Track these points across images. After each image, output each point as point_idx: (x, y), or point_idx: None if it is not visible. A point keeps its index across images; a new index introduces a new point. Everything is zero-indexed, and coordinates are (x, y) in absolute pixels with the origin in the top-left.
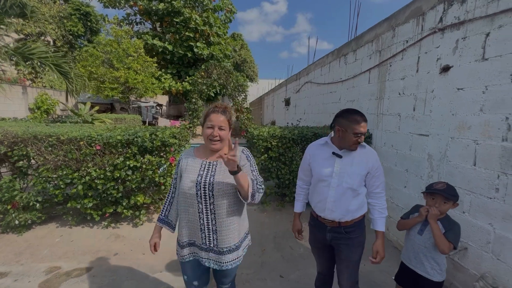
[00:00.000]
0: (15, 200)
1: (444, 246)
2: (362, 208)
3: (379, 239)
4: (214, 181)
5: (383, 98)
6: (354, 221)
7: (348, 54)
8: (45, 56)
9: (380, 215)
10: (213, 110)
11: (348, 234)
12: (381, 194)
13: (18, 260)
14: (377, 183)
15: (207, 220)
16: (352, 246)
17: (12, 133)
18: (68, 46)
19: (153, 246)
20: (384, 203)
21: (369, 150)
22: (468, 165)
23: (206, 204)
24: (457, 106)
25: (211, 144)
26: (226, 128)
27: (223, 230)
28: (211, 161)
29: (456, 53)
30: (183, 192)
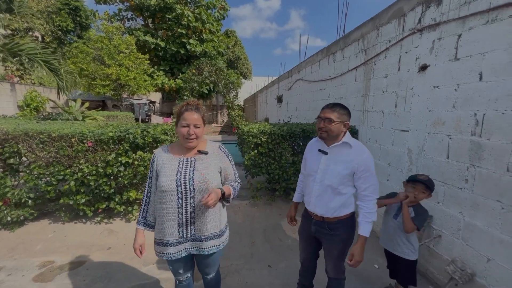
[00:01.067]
0: (6, 197)
1: (408, 227)
2: (346, 207)
3: (358, 243)
4: (194, 176)
5: (368, 95)
6: (338, 219)
7: (336, 53)
8: (34, 53)
9: (364, 219)
10: (186, 108)
11: (331, 231)
12: (369, 197)
13: (11, 255)
14: (365, 185)
15: (186, 214)
16: (332, 241)
17: (3, 131)
18: (57, 42)
19: (138, 250)
20: (371, 207)
21: (357, 150)
22: (442, 158)
23: (186, 199)
24: (433, 103)
25: (188, 143)
26: (201, 126)
27: (202, 221)
28: (189, 158)
29: (433, 53)
30: (162, 190)
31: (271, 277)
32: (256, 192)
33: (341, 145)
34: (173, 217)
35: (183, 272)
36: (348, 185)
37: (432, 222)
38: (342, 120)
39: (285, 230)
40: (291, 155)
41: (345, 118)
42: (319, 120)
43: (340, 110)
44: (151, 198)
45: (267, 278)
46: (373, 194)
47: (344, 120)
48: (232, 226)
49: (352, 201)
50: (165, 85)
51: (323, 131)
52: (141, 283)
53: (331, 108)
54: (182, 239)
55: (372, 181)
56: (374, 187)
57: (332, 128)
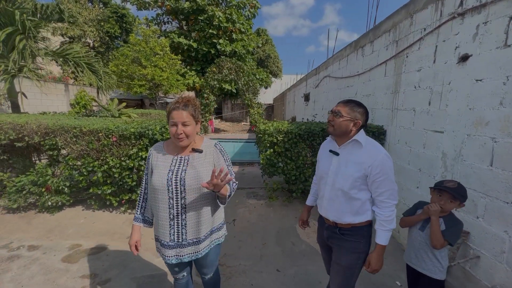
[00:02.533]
0: (48, 184)
1: (438, 242)
2: (360, 214)
3: (375, 252)
4: (186, 176)
5: (399, 91)
6: (352, 225)
7: (365, 46)
8: (79, 56)
9: (381, 227)
10: (173, 107)
11: (343, 236)
12: (385, 203)
13: (48, 236)
14: (380, 189)
15: (177, 215)
16: (343, 248)
17: (44, 125)
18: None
19: (134, 246)
20: (388, 214)
21: (371, 150)
22: (484, 165)
23: (177, 199)
24: (475, 99)
25: (178, 142)
26: (190, 123)
27: (194, 224)
28: (182, 156)
29: (476, 40)
30: (154, 188)
31: (278, 282)
32: (273, 192)
33: (352, 144)
34: (164, 216)
35: (178, 270)
36: (361, 189)
37: (469, 239)
38: (352, 117)
39: (299, 233)
40: (310, 155)
41: (357, 116)
42: (329, 113)
43: (354, 107)
44: (148, 194)
45: (274, 283)
46: (390, 200)
47: (355, 118)
48: (245, 225)
49: (368, 207)
50: (196, 84)
51: (330, 124)
52: (151, 273)
53: (345, 102)
54: (173, 243)
55: (389, 185)
56: (392, 191)
57: (340, 123)
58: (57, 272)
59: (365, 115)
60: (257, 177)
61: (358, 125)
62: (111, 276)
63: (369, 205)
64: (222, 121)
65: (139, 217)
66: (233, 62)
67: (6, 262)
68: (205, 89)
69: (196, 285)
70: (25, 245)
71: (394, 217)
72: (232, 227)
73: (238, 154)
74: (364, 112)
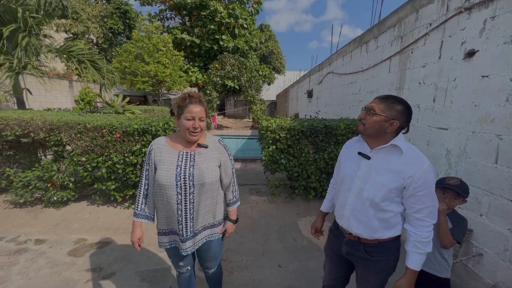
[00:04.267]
0: (53, 179)
1: (448, 242)
2: (390, 229)
3: (405, 278)
4: (194, 171)
5: (403, 88)
6: (379, 241)
7: (369, 41)
8: (82, 53)
9: (415, 249)
10: (190, 101)
11: (368, 254)
12: (423, 222)
13: (54, 230)
14: (419, 205)
15: (185, 210)
16: (369, 268)
17: (49, 121)
18: (108, 43)
19: (137, 243)
20: (425, 235)
21: (413, 158)
22: (489, 163)
23: (185, 194)
24: (481, 96)
25: (192, 136)
26: (204, 119)
27: (200, 216)
28: (189, 151)
29: (483, 35)
30: (161, 184)
31: (280, 277)
32: (275, 189)
33: (389, 149)
34: (172, 212)
35: (183, 265)
36: (394, 201)
37: (471, 237)
38: (388, 115)
39: (301, 230)
40: (313, 152)
41: (395, 114)
42: (364, 109)
43: (392, 103)
44: (149, 190)
45: (275, 278)
46: (429, 219)
47: (391, 117)
48: (247, 221)
49: (399, 221)
50: (199, 81)
51: (361, 123)
52: (155, 267)
53: (381, 97)
54: (182, 237)
55: (430, 202)
56: (432, 209)
57: (371, 121)
58: (63, 265)
59: (405, 114)
60: (259, 174)
61: (395, 126)
62: (115, 269)
63: (400, 219)
64: (224, 118)
65: (140, 213)
66: (235, 58)
67: (14, 255)
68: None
69: (198, 280)
70: (32, 239)
71: (431, 239)
72: None
73: (241, 151)
74: (404, 111)
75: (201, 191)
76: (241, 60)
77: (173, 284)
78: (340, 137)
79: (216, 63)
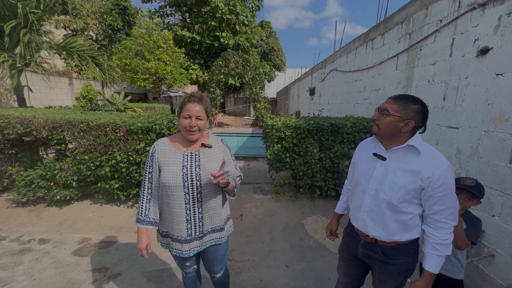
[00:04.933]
0: (56, 178)
1: (463, 243)
2: (408, 231)
3: (423, 280)
4: (201, 171)
5: (411, 86)
6: (397, 243)
7: (375, 39)
8: (83, 50)
9: (434, 252)
10: (189, 99)
11: (386, 257)
12: (443, 224)
13: (58, 229)
14: (438, 207)
15: (194, 209)
16: (387, 271)
17: (52, 119)
18: (108, 40)
19: (145, 250)
20: (445, 237)
21: (432, 158)
22: (502, 163)
23: (193, 194)
24: (495, 94)
25: (189, 135)
26: (203, 118)
27: (209, 216)
28: (193, 151)
29: (498, 32)
30: (167, 186)
31: (287, 277)
32: (280, 187)
33: (405, 150)
34: (180, 213)
35: (189, 264)
36: (413, 203)
37: (483, 237)
38: (403, 115)
39: (306, 229)
40: (318, 151)
41: (410, 114)
42: (376, 110)
43: (406, 103)
44: (152, 194)
45: (283, 278)
46: (449, 221)
47: (406, 116)
48: (252, 220)
49: (417, 223)
50: (200, 79)
51: (375, 124)
52: (160, 268)
53: (395, 97)
54: (191, 237)
55: (450, 203)
56: (452, 210)
57: (385, 122)
58: (68, 266)
59: (420, 113)
60: (262, 172)
61: (410, 126)
62: (121, 270)
63: (419, 221)
64: (225, 115)
65: (145, 219)
66: (239, 55)
67: (18, 255)
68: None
69: (204, 280)
70: (36, 239)
71: (451, 241)
72: (240, 222)
73: (242, 149)
74: (420, 110)
75: (208, 191)
76: (245, 57)
77: (180, 285)
78: (346, 135)
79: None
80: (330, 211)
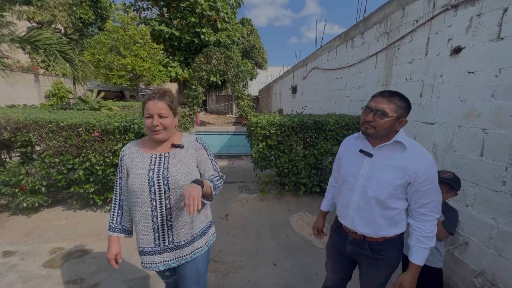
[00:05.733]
0: (22, 184)
1: (441, 234)
2: (395, 226)
3: (409, 272)
4: (169, 174)
5: (390, 84)
6: (385, 238)
7: (355, 37)
8: (50, 43)
9: (419, 244)
10: (149, 97)
11: (374, 252)
12: (427, 217)
13: (25, 240)
14: (424, 200)
15: (161, 217)
16: (375, 266)
17: (15, 119)
18: (78, 34)
19: (114, 260)
20: (429, 229)
21: (417, 154)
22: (474, 156)
23: (160, 200)
24: (467, 91)
25: (154, 134)
26: (168, 115)
27: (180, 224)
28: (162, 153)
29: (469, 33)
30: (133, 191)
31: (275, 276)
32: (265, 186)
33: (391, 146)
34: (146, 221)
35: (169, 274)
36: (400, 198)
37: (458, 227)
38: (398, 115)
39: (293, 226)
40: (302, 148)
41: (403, 112)
42: (367, 110)
43: (399, 102)
44: (123, 200)
45: (271, 277)
46: (433, 213)
47: (401, 116)
48: (238, 220)
49: (403, 217)
50: (180, 76)
51: (371, 126)
52: (142, 275)
53: (387, 97)
54: (158, 248)
55: (434, 196)
56: (436, 203)
57: (384, 124)
58: (38, 279)
59: (408, 110)
60: (247, 171)
61: (403, 124)
62: (99, 280)
63: (404, 215)
64: (207, 114)
65: (116, 226)
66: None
67: None
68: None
69: None
70: (0, 251)
71: (435, 233)
72: (225, 222)
73: (225, 147)
74: (409, 107)
75: (179, 195)
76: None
77: None
78: (329, 132)
79: (202, 56)
80: (315, 207)
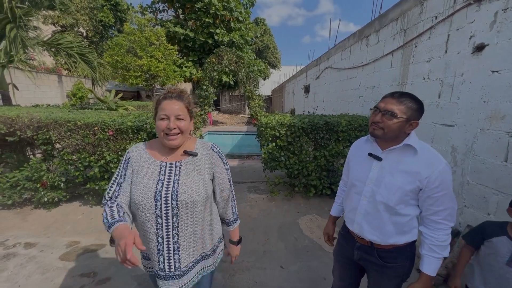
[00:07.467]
0: (43, 180)
1: None
2: (406, 234)
3: (420, 282)
4: (179, 189)
5: (406, 83)
6: (394, 246)
7: (370, 36)
8: (71, 46)
9: (431, 253)
10: (164, 96)
11: (382, 260)
12: (441, 225)
13: (45, 233)
14: (436, 207)
15: (167, 237)
16: (384, 274)
17: (37, 118)
18: (99, 36)
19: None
20: (443, 239)
21: (429, 158)
22: (498, 161)
23: (167, 217)
24: (490, 91)
25: (169, 140)
26: (185, 118)
27: (190, 246)
28: (173, 162)
29: (494, 29)
30: (136, 203)
31: (282, 279)
32: (274, 187)
33: (402, 149)
34: (151, 239)
35: None
36: (410, 204)
37: None
38: (409, 116)
39: (302, 229)
40: (313, 149)
41: (415, 115)
42: (376, 111)
43: (410, 103)
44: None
45: (278, 279)
46: (447, 221)
47: (412, 118)
48: (247, 220)
49: (415, 224)
50: (193, 76)
51: (379, 127)
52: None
53: (397, 98)
54: (164, 273)
55: (448, 203)
56: (450, 211)
57: (393, 125)
58: (55, 271)
59: (420, 112)
60: (257, 171)
61: (414, 126)
62: (111, 274)
63: (416, 222)
64: (220, 113)
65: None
66: (233, 52)
67: (2, 261)
68: (204, 81)
69: None
70: (22, 243)
71: (448, 242)
72: None
73: (237, 147)
74: (421, 109)
75: (187, 213)
76: (238, 54)
77: None
78: (341, 133)
79: (213, 57)
80: (325, 210)
